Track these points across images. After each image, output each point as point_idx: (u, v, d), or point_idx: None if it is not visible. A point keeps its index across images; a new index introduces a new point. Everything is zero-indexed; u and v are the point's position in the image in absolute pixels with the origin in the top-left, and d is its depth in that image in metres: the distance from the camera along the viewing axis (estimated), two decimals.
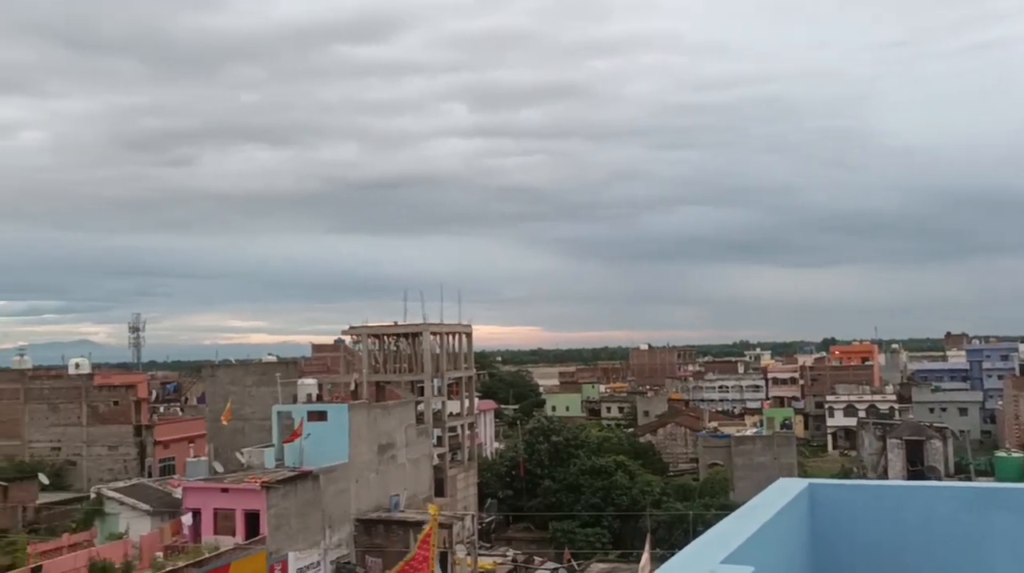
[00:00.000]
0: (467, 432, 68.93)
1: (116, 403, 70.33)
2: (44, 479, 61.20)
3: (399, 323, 67.81)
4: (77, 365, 75.43)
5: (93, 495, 49.18)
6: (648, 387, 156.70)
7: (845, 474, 74.67)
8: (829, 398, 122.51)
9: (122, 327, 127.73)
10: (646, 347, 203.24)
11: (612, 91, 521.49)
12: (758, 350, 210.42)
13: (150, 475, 63.74)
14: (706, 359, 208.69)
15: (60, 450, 69.81)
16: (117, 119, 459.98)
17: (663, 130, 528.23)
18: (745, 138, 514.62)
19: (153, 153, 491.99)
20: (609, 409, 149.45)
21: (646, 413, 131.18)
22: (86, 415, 70.12)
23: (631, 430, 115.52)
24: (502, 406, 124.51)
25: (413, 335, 66.25)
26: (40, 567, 34.70)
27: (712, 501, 69.21)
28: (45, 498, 58.55)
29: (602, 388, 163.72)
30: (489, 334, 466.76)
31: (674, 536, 60.87)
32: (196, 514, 41.56)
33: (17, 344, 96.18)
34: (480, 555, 52.72)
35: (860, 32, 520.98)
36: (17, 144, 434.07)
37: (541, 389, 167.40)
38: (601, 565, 55.92)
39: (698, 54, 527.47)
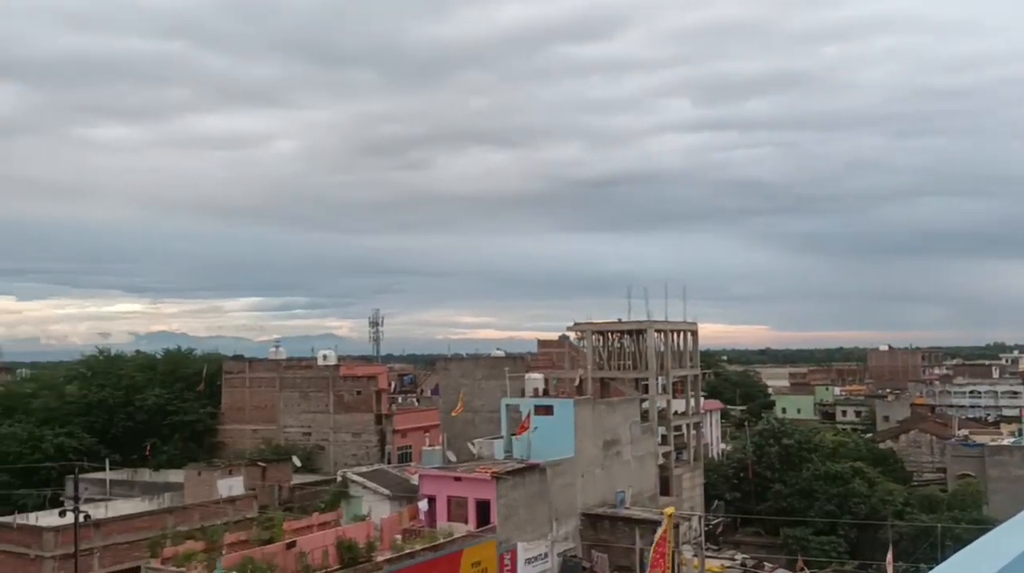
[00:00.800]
0: (693, 431, 67.81)
1: (359, 393, 75.06)
2: (297, 461, 66.32)
3: (623, 320, 67.77)
4: (325, 357, 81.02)
5: (339, 478, 52.85)
6: (888, 391, 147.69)
7: None
8: None
9: (363, 322, 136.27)
10: (886, 348, 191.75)
11: (845, 78, 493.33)
12: (1015, 353, 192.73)
13: (389, 461, 67.53)
14: (955, 362, 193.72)
15: (310, 435, 75.45)
16: (358, 127, 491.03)
17: (903, 117, 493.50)
18: (996, 123, 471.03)
19: (390, 158, 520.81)
20: (844, 413, 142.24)
21: (886, 418, 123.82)
22: (333, 403, 75.34)
23: (869, 436, 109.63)
24: (728, 406, 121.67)
25: (637, 332, 65.98)
26: (294, 542, 37.66)
27: (962, 515, 64.11)
28: (298, 479, 63.45)
29: (837, 390, 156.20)
30: (714, 333, 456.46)
31: (919, 549, 56.91)
32: (431, 500, 43.57)
33: (273, 337, 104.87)
34: (707, 557, 51.71)
35: None
36: (271, 153, 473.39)
37: (770, 390, 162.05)
38: None
39: (945, 33, 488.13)
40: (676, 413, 67.16)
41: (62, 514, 42.29)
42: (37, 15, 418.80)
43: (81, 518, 41.17)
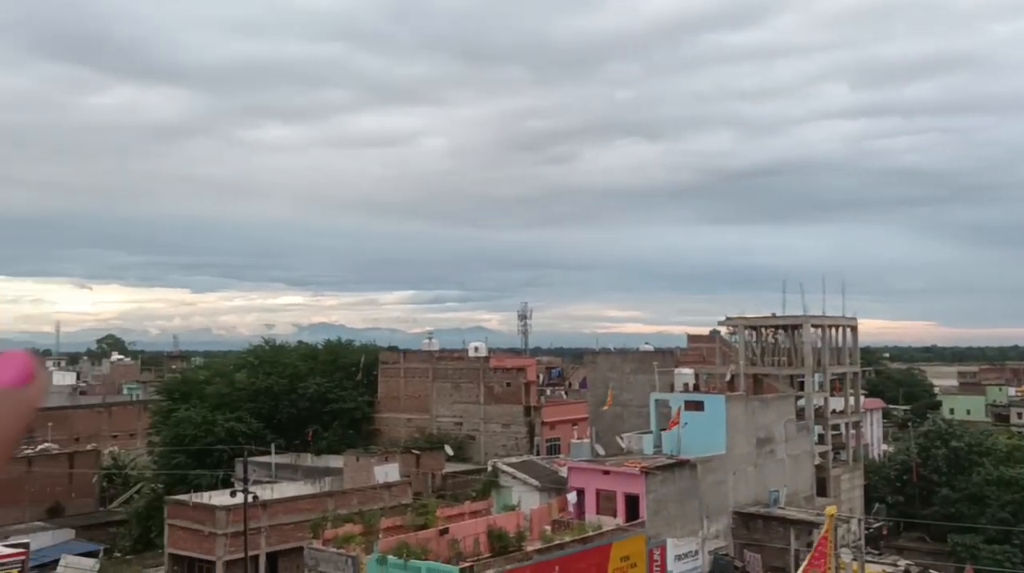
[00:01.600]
0: (852, 431, 65.10)
1: (508, 385, 76.09)
2: (449, 450, 67.92)
3: (777, 315, 65.76)
4: (476, 349, 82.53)
5: (490, 468, 53.76)
6: None
7: None
8: None
9: (511, 315, 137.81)
10: None
11: (1017, 57, 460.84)
12: None
13: (538, 453, 68.14)
14: None
15: (462, 425, 77.10)
16: (505, 123, 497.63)
17: None
18: None
19: (537, 152, 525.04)
20: (1020, 414, 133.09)
21: None
22: (483, 394, 76.70)
23: None
24: (890, 406, 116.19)
25: (793, 327, 63.85)
26: (447, 529, 38.64)
27: None
28: (450, 468, 64.98)
29: (1011, 391, 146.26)
30: (876, 328, 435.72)
31: None
32: (580, 493, 43.70)
33: (425, 329, 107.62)
34: (867, 561, 49.60)
35: None
36: (422, 150, 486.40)
37: (936, 389, 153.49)
38: None
39: None
40: (834, 411, 64.67)
41: (233, 494, 44.97)
42: (206, 25, 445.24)
43: (250, 499, 43.64)
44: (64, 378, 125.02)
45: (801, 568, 37.73)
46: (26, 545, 36.07)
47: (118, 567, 53.88)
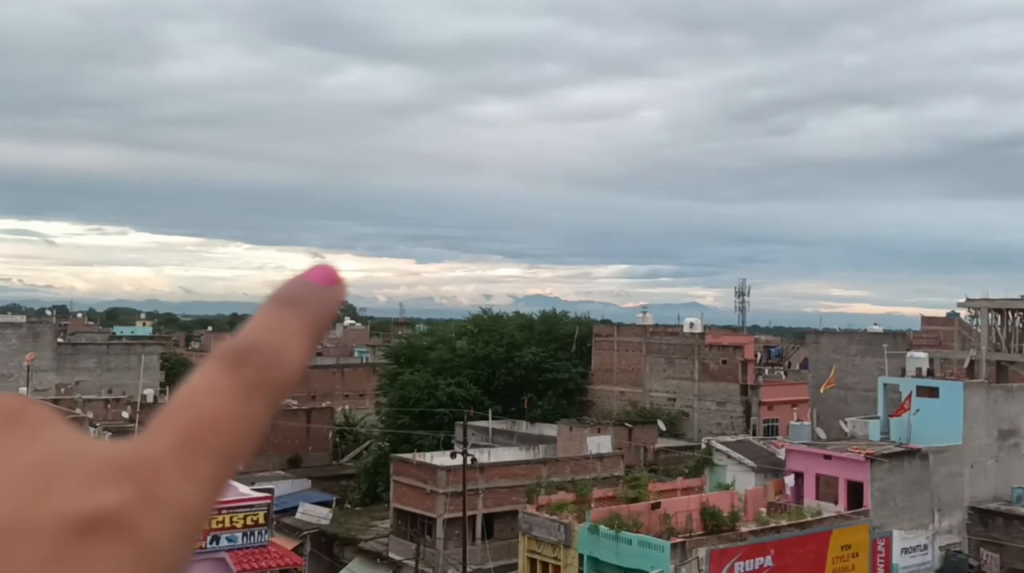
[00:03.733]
0: None
1: (724, 362, 74.49)
2: (662, 425, 67.56)
3: None
4: (692, 324, 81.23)
5: (703, 445, 53.03)
6: None
7: None
8: None
9: (728, 291, 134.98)
10: None
11: None
12: None
13: (754, 433, 66.38)
14: None
15: (675, 401, 76.39)
16: (725, 93, 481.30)
17: None
18: None
19: (758, 123, 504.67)
20: None
21: None
22: (697, 371, 75.56)
23: None
24: None
25: None
26: (659, 504, 38.56)
27: None
28: (662, 443, 64.66)
29: None
30: None
31: None
32: (798, 476, 42.26)
33: (639, 303, 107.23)
34: None
35: None
36: (636, 123, 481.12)
37: None
38: None
39: None
40: None
41: (452, 456, 47.04)
42: (431, 4, 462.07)
43: (468, 461, 45.48)
44: None
45: None
46: (271, 491, 39.48)
47: (348, 517, 57.86)
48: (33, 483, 0.63)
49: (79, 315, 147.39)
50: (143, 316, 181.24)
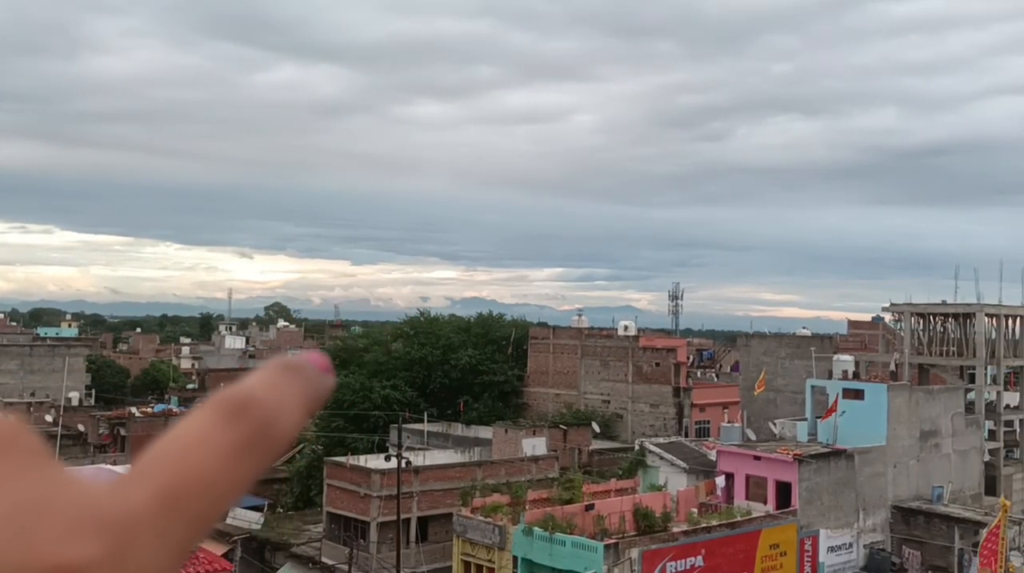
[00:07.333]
0: None
1: (657, 365, 75.39)
2: (596, 427, 68.08)
3: (947, 302, 62.21)
4: (626, 327, 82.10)
5: (637, 447, 53.59)
6: None
7: None
8: None
9: (662, 295, 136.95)
10: None
11: None
12: None
13: (686, 435, 67.31)
14: None
15: (609, 403, 77.06)
16: (657, 99, 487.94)
17: None
18: None
19: (689, 129, 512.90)
20: None
21: None
22: (631, 373, 76.34)
23: None
24: None
25: (964, 316, 60.25)
26: (593, 505, 38.86)
27: None
28: (596, 445, 65.14)
29: None
30: None
31: None
32: (729, 477, 42.99)
33: (575, 306, 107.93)
34: None
35: None
36: (572, 127, 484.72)
37: None
38: None
39: None
40: (1008, 407, 60.77)
41: (387, 459, 46.73)
42: (363, 4, 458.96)
43: (403, 464, 45.24)
44: (235, 342, 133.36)
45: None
46: None
47: (280, 521, 57.04)
48: (15, 524, 0.64)
49: (1, 316, 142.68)
50: (68, 317, 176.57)
